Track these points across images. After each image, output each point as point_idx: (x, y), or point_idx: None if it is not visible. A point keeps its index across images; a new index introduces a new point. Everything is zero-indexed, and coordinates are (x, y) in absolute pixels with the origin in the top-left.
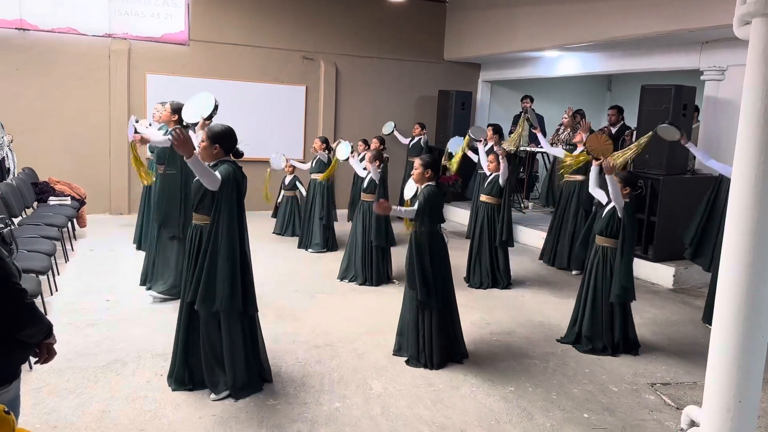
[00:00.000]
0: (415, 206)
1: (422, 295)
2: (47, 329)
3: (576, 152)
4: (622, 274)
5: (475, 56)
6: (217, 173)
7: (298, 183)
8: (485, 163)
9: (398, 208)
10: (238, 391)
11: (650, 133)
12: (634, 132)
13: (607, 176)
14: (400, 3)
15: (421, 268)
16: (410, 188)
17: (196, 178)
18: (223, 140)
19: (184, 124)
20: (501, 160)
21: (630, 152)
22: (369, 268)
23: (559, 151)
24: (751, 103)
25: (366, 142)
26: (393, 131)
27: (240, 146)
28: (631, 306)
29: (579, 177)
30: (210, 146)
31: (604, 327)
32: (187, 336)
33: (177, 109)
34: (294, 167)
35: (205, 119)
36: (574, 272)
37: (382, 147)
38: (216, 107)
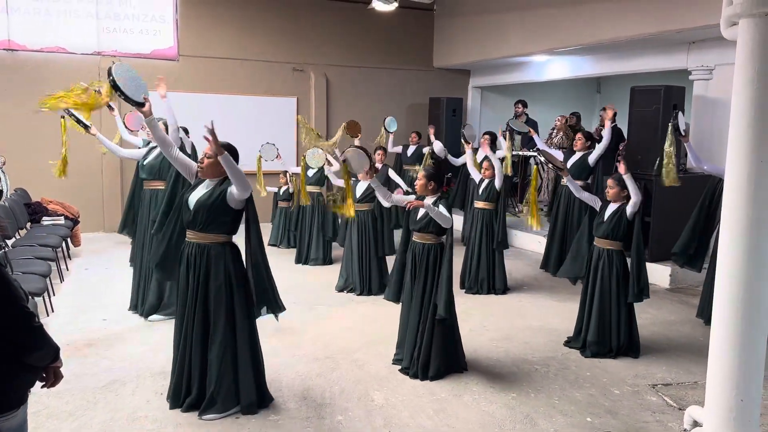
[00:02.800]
0: (443, 211)
1: (446, 310)
2: (55, 352)
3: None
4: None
5: (464, 63)
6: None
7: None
8: (473, 170)
9: (430, 205)
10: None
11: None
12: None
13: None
14: (389, 12)
15: (449, 281)
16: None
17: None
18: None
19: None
20: (494, 163)
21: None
22: (367, 278)
23: (557, 153)
24: (742, 103)
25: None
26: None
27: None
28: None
29: (579, 182)
30: (216, 162)
31: (612, 331)
32: (204, 357)
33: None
34: (287, 177)
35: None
36: None
37: (385, 156)
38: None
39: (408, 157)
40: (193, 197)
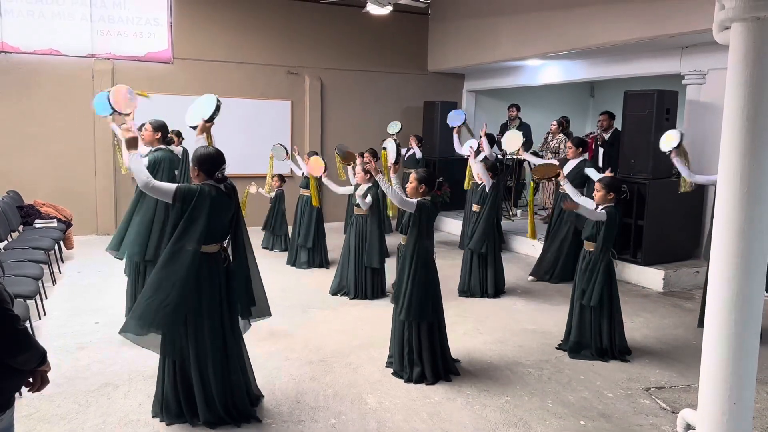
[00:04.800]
0: (413, 200)
1: (412, 312)
2: (41, 356)
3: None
4: (601, 277)
5: (458, 66)
6: (169, 185)
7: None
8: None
9: (390, 186)
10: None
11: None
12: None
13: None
14: (383, 16)
15: (413, 282)
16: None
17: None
18: (203, 164)
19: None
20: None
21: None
22: (363, 283)
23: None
24: (734, 106)
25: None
26: (399, 130)
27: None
28: (622, 310)
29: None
30: (192, 168)
31: (593, 332)
32: (227, 370)
33: (158, 127)
34: (281, 182)
35: (206, 121)
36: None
37: (378, 160)
38: (218, 107)
39: (404, 160)
40: None
